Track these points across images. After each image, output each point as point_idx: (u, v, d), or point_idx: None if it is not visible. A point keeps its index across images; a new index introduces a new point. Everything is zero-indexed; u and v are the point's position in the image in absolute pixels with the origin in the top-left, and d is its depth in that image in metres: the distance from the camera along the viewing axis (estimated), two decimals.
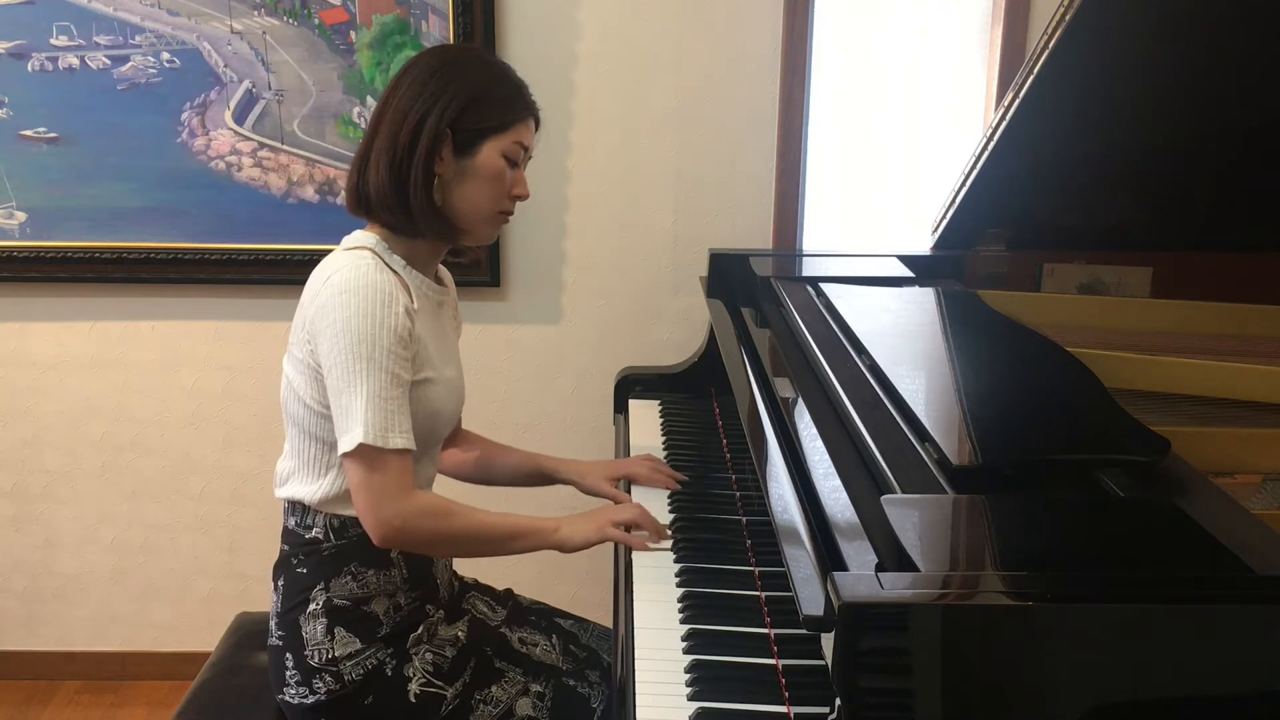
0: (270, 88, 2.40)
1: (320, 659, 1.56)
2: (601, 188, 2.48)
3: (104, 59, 2.39)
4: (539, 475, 1.89)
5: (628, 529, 1.64)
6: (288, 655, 1.59)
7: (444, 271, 1.73)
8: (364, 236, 1.59)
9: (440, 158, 1.54)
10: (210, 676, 1.80)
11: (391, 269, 1.54)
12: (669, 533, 1.65)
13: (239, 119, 2.42)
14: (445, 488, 1.94)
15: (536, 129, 1.63)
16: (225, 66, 2.39)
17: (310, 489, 1.57)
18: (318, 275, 1.54)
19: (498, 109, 1.56)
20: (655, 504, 1.73)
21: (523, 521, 1.62)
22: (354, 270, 1.49)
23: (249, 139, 2.43)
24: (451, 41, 2.35)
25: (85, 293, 2.54)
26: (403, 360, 1.50)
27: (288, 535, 1.63)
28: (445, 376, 1.61)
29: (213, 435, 2.63)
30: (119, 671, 2.77)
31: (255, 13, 2.36)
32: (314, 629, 1.56)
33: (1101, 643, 0.94)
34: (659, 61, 2.41)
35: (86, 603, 2.74)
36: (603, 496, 1.83)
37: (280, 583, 1.62)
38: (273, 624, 1.63)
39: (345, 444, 1.48)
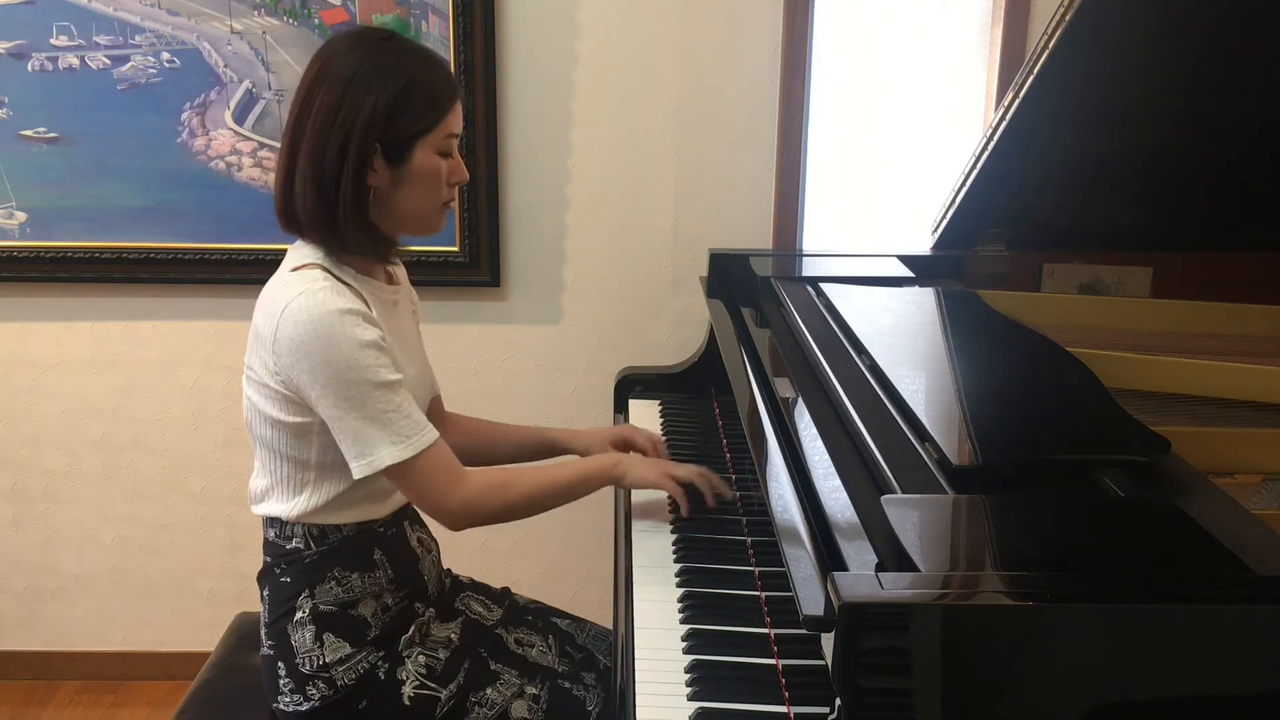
0: (270, 88, 2.40)
1: (311, 666, 1.55)
2: (601, 188, 2.47)
3: (104, 59, 2.39)
4: (544, 447, 1.88)
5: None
6: (279, 664, 1.58)
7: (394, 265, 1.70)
8: (310, 252, 1.54)
9: (373, 170, 1.49)
10: (210, 676, 1.80)
11: (343, 281, 1.50)
12: (732, 492, 1.66)
13: (239, 119, 2.42)
14: None
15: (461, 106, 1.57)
16: (225, 66, 2.39)
17: (286, 507, 1.56)
18: (271, 303, 1.49)
19: (423, 109, 1.49)
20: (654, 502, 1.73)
21: (581, 466, 1.63)
22: (310, 297, 1.44)
23: (249, 139, 2.43)
24: (451, 42, 2.35)
25: (85, 293, 2.54)
26: (387, 365, 1.48)
27: (269, 547, 1.61)
28: (410, 375, 1.59)
29: (213, 435, 2.63)
30: (119, 671, 2.77)
31: (255, 13, 2.36)
32: (303, 637, 1.56)
33: (1101, 643, 0.94)
34: (659, 61, 2.41)
35: (86, 603, 2.74)
36: None
37: (266, 593, 1.61)
38: (262, 634, 1.62)
39: (369, 467, 1.46)
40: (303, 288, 1.46)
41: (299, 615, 1.56)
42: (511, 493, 1.57)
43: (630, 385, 2.24)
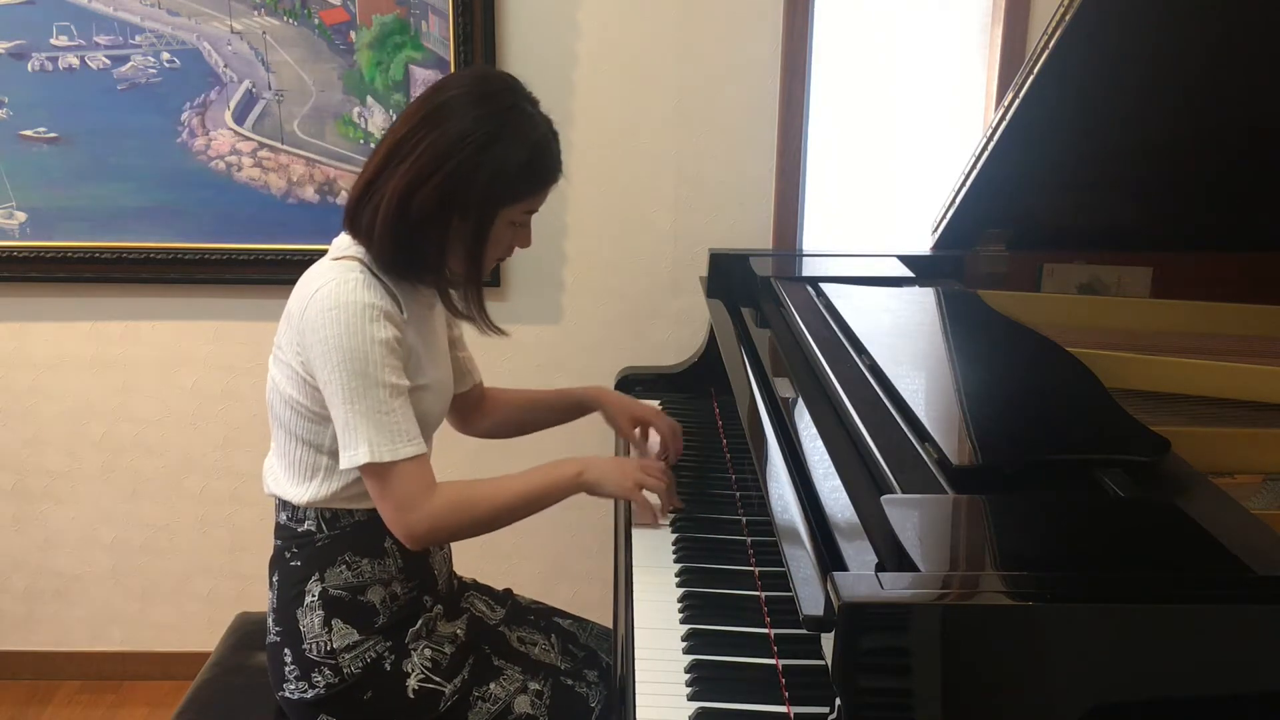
0: (270, 88, 2.40)
1: (319, 651, 1.56)
2: (601, 188, 2.47)
3: (104, 59, 2.39)
4: (575, 408, 1.93)
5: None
6: (286, 651, 1.59)
7: None
8: (353, 245, 1.56)
9: (455, 226, 1.52)
10: (210, 676, 1.80)
11: (379, 279, 1.52)
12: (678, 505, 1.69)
13: (239, 119, 2.42)
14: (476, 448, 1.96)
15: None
16: (225, 66, 2.39)
17: (298, 491, 1.58)
18: (306, 285, 1.53)
19: (521, 187, 1.53)
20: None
21: (545, 477, 1.61)
22: (341, 285, 1.47)
23: (249, 139, 2.43)
24: (451, 42, 2.35)
25: (85, 293, 2.54)
26: (397, 369, 1.49)
27: (280, 530, 1.63)
28: (435, 380, 1.61)
29: (213, 435, 2.63)
30: (119, 671, 2.77)
31: (255, 13, 2.36)
32: (311, 621, 1.57)
33: (1101, 643, 0.94)
34: (659, 61, 2.41)
35: (86, 603, 2.74)
36: (622, 435, 1.88)
37: (275, 578, 1.62)
38: (270, 621, 1.63)
39: (349, 460, 1.48)
40: (337, 275, 1.49)
41: (308, 599, 1.57)
42: (476, 509, 1.56)
43: (630, 385, 2.24)
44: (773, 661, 1.34)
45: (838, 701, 0.96)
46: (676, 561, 1.57)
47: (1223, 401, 1.63)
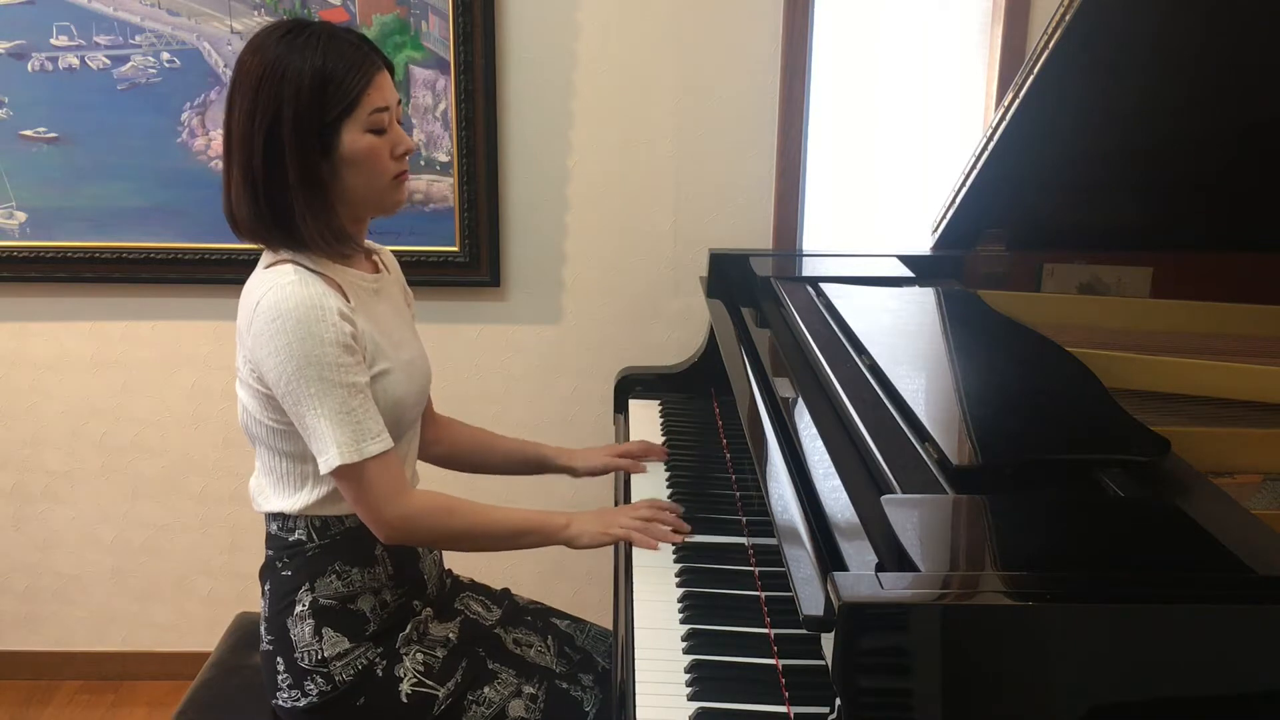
0: None
1: (310, 660, 1.56)
2: (601, 187, 2.47)
3: (104, 59, 2.39)
4: (535, 463, 1.89)
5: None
6: (279, 659, 1.58)
7: (382, 253, 1.70)
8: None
9: (304, 165, 1.47)
10: (210, 676, 1.80)
11: (318, 273, 1.49)
12: (686, 528, 1.64)
13: None
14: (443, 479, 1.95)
15: (392, 74, 1.53)
16: (225, 66, 2.39)
17: (290, 502, 1.56)
18: (246, 300, 1.50)
19: (336, 93, 1.45)
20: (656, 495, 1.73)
21: (531, 517, 1.62)
22: (279, 291, 1.45)
23: None
24: (451, 42, 2.35)
25: (85, 293, 2.54)
26: (353, 367, 1.47)
27: (271, 540, 1.62)
28: (402, 361, 1.58)
29: (213, 435, 2.63)
30: (119, 671, 2.77)
31: (255, 13, 2.36)
32: (302, 631, 1.56)
33: (1101, 643, 0.94)
34: (659, 61, 2.41)
35: (86, 603, 2.74)
36: (608, 469, 1.87)
37: (267, 587, 1.62)
38: (262, 629, 1.62)
39: (323, 465, 1.47)
40: (272, 283, 1.47)
41: (299, 609, 1.56)
42: (453, 521, 1.56)
43: (630, 385, 2.24)
44: (773, 661, 1.34)
45: (838, 701, 0.96)
46: (676, 561, 1.57)
47: (1223, 401, 1.63)
